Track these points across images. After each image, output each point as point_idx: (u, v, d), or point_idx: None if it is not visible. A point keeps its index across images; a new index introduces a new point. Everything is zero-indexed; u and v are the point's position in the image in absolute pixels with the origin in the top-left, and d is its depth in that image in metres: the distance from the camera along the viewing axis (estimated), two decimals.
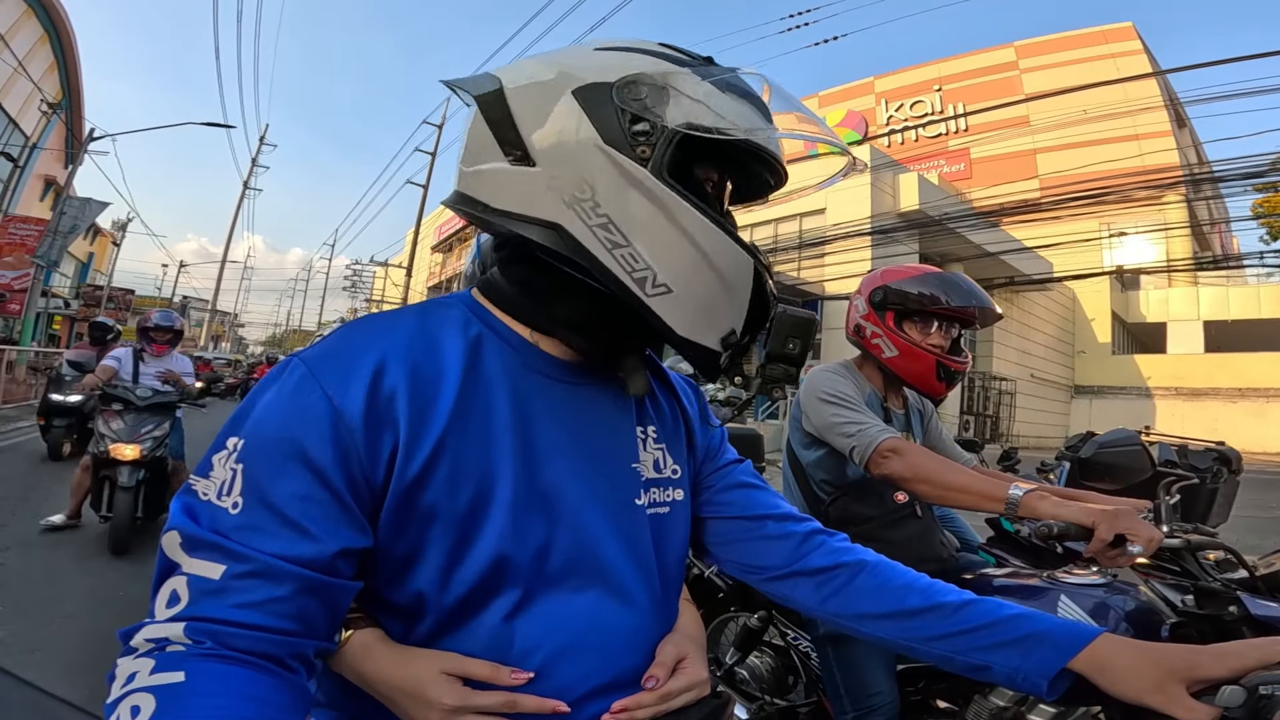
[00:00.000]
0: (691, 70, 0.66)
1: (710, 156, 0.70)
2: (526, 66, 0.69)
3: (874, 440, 1.53)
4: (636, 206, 0.63)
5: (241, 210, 35.65)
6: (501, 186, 0.67)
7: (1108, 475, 1.54)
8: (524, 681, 0.63)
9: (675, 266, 0.64)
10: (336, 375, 0.60)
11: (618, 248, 0.64)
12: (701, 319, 0.67)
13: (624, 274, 0.64)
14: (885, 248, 16.25)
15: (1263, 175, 13.39)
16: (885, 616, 0.77)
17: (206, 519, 0.56)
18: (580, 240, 0.64)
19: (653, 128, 0.63)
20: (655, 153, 0.63)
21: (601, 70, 0.65)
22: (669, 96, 0.64)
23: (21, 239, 18.35)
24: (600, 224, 0.63)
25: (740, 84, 0.68)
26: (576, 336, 0.71)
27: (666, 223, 0.64)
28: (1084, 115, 23.50)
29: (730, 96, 0.66)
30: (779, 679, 1.98)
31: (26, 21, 19.60)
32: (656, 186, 0.63)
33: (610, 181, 0.63)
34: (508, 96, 0.66)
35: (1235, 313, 26.53)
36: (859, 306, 1.80)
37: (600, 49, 0.69)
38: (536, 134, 0.65)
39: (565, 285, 0.68)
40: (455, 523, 0.62)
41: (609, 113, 0.63)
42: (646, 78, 0.64)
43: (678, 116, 0.64)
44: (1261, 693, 0.61)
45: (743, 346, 0.70)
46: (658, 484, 0.77)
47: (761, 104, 0.68)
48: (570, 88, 0.65)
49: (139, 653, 0.52)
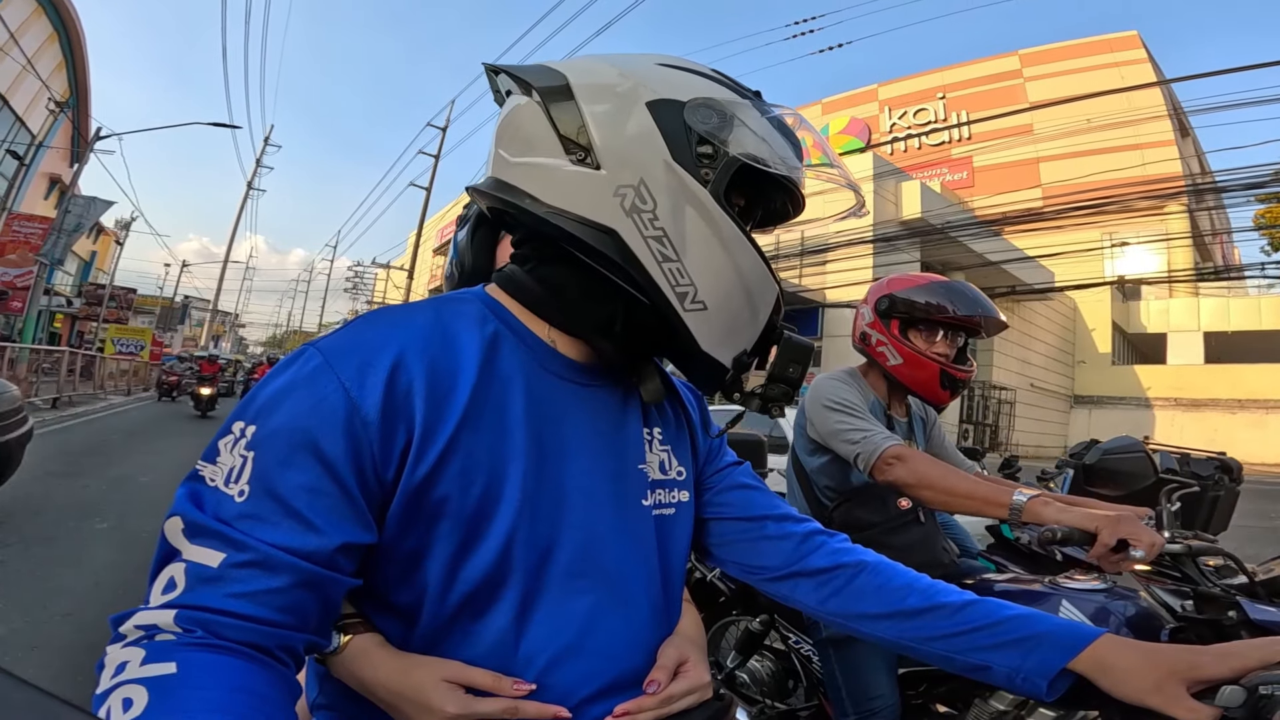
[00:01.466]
0: (752, 104, 0.69)
1: (749, 185, 0.72)
2: (594, 68, 0.69)
3: (879, 447, 1.54)
4: (692, 225, 0.65)
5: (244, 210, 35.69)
6: (558, 183, 0.67)
7: (1111, 481, 1.55)
8: (525, 693, 0.63)
9: (714, 285, 0.67)
10: (354, 368, 0.60)
11: (668, 261, 0.65)
12: (725, 337, 0.69)
13: (668, 287, 0.65)
14: (887, 256, 16.29)
15: (1265, 186, 13.41)
16: (886, 616, 0.78)
17: (211, 506, 0.55)
18: (633, 249, 0.65)
19: (715, 152, 0.66)
20: (716, 176, 0.66)
21: (673, 88, 0.67)
22: (734, 125, 0.67)
23: (25, 237, 18.41)
24: (655, 236, 0.65)
25: (783, 122, 0.71)
26: (603, 340, 0.71)
27: (717, 244, 0.66)
28: (1087, 124, 23.56)
29: (780, 134, 0.70)
30: (780, 683, 1.99)
31: (36, 20, 19.70)
32: (714, 208, 0.65)
33: (672, 197, 0.65)
34: (576, 94, 0.67)
35: (1235, 324, 26.52)
36: (865, 314, 1.80)
37: (663, 65, 0.70)
38: (606, 138, 0.65)
39: (598, 289, 0.68)
40: (463, 520, 0.62)
41: (679, 131, 0.65)
42: (716, 104, 0.67)
43: (740, 145, 0.66)
44: (1261, 692, 0.61)
45: (746, 365, 0.72)
46: (663, 485, 0.77)
47: (797, 142, 0.72)
48: (645, 99, 0.66)
49: (128, 640, 0.51)
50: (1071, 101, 19.67)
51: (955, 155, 32.04)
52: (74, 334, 26.99)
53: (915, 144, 33.04)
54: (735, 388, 0.72)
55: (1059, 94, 25.14)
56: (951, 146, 32.40)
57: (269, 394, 0.59)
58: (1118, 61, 29.24)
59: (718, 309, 0.67)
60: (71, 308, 27.15)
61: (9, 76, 18.59)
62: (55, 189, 23.72)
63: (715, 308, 0.67)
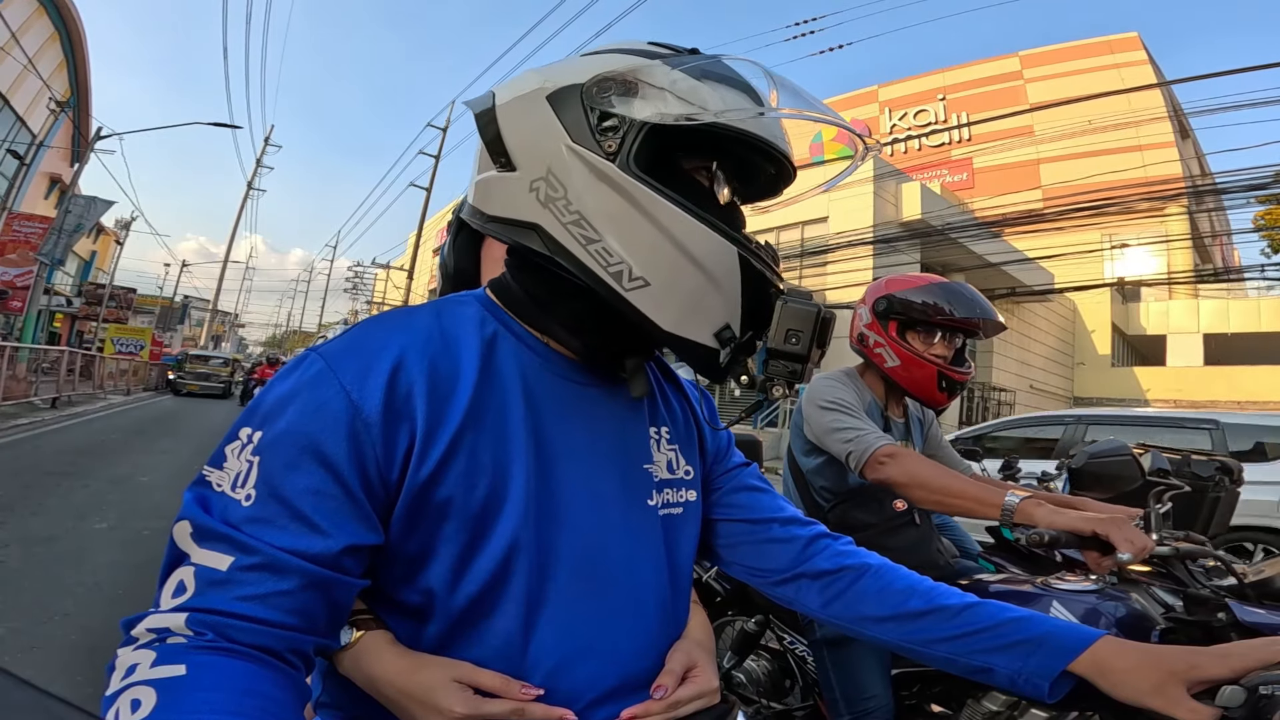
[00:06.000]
0: (663, 61, 0.66)
1: (696, 149, 0.70)
2: (518, 81, 0.71)
3: (870, 446, 1.55)
4: (605, 200, 0.64)
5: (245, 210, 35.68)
6: (492, 193, 0.70)
7: (1098, 484, 1.55)
8: (533, 698, 0.63)
9: (649, 259, 0.64)
10: (355, 371, 0.61)
11: (591, 243, 0.64)
12: (687, 313, 0.66)
13: (600, 268, 0.64)
14: (887, 257, 16.26)
15: (1265, 187, 13.40)
16: (888, 619, 0.78)
17: (218, 510, 0.56)
18: (557, 238, 0.65)
19: (621, 122, 0.64)
20: (623, 146, 0.64)
21: (575, 74, 0.67)
22: (636, 90, 0.65)
23: (26, 236, 18.41)
24: (573, 220, 0.65)
25: (721, 70, 0.67)
26: (572, 337, 0.72)
27: (637, 215, 0.64)
28: (1088, 126, 23.54)
29: (708, 83, 0.65)
30: (776, 683, 1.99)
31: (37, 19, 19.71)
32: (622, 179, 0.63)
33: (580, 178, 0.65)
34: (497, 111, 0.69)
35: (1235, 326, 26.50)
36: (862, 315, 1.81)
37: (585, 54, 0.71)
38: (515, 141, 0.68)
39: (559, 286, 0.69)
40: (468, 521, 0.63)
41: (578, 113, 0.65)
42: (615, 74, 0.65)
43: (644, 109, 0.64)
44: (1261, 693, 0.61)
45: (745, 344, 0.67)
46: (671, 485, 0.77)
47: (748, 88, 0.67)
48: (545, 94, 0.67)
49: (139, 643, 0.52)
50: (1072, 103, 19.68)
51: (955, 156, 32.01)
52: (74, 334, 26.98)
53: (916, 145, 33.03)
54: (740, 370, 0.68)
55: (1059, 95, 25.12)
56: (952, 148, 32.37)
57: (273, 400, 0.60)
58: (1118, 63, 29.22)
59: (664, 284, 0.64)
60: (71, 307, 27.14)
61: (10, 76, 18.60)
62: (56, 189, 23.73)
63: (660, 282, 0.64)
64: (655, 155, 0.66)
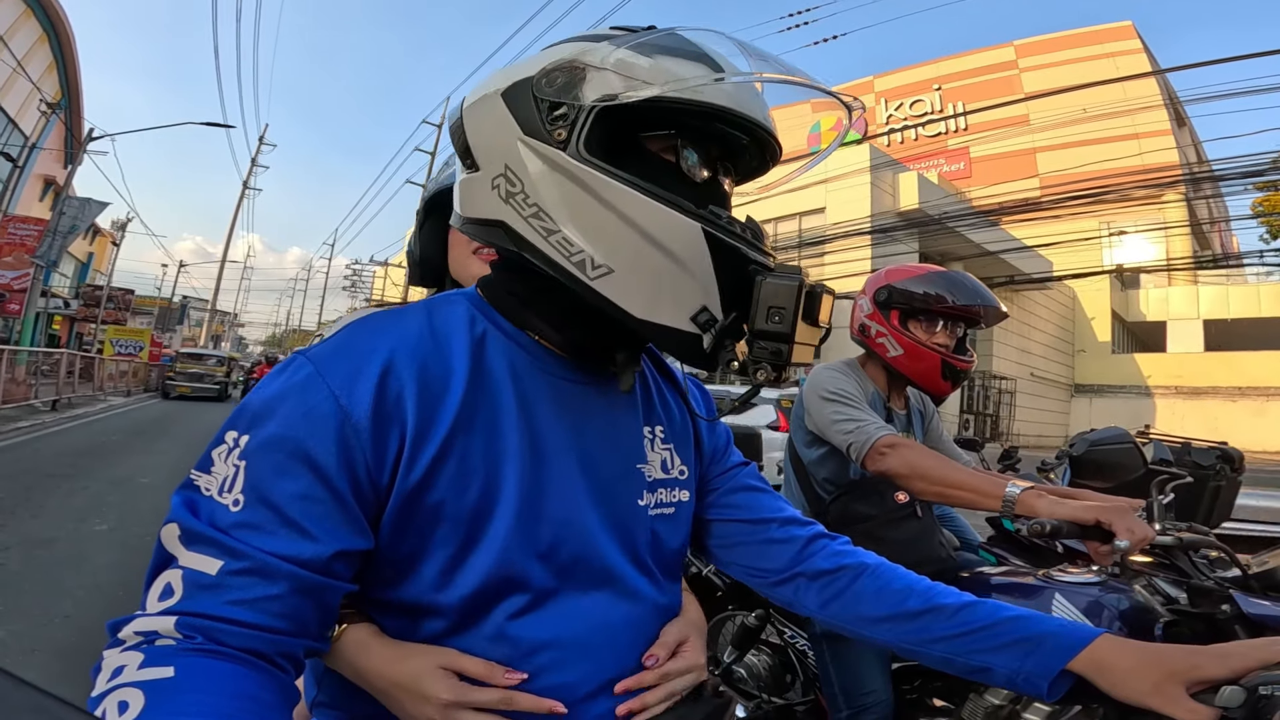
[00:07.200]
0: (609, 42, 0.65)
1: (655, 125, 0.67)
2: (480, 84, 0.71)
3: (871, 437, 1.54)
4: (559, 189, 0.63)
5: (241, 210, 35.59)
6: (462, 193, 0.71)
7: (1099, 473, 1.54)
8: (517, 682, 0.63)
9: (609, 245, 0.62)
10: (343, 375, 0.60)
11: (551, 234, 0.64)
12: (657, 298, 0.63)
13: (563, 259, 0.64)
14: (885, 247, 16.25)
15: (1263, 174, 13.39)
16: (885, 619, 0.77)
17: (206, 514, 0.56)
18: (521, 233, 0.65)
19: (570, 110, 0.63)
20: (573, 133, 0.62)
21: (527, 68, 0.66)
22: (584, 75, 0.63)
23: (21, 239, 18.36)
24: (532, 213, 0.64)
25: (673, 43, 0.65)
26: (556, 333, 0.71)
27: (589, 200, 0.62)
28: (1083, 114, 23.54)
29: (660, 58, 0.63)
30: (776, 677, 1.99)
31: (25, 21, 19.60)
32: (573, 165, 0.62)
33: (534, 170, 0.64)
34: (464, 114, 0.70)
35: (1235, 311, 26.54)
36: (863, 306, 1.80)
37: (547, 47, 0.70)
38: (476, 140, 0.68)
39: (537, 282, 0.69)
40: (461, 523, 0.62)
41: (529, 106, 0.65)
42: (562, 64, 0.64)
43: (590, 93, 0.62)
44: (1261, 693, 0.61)
45: (729, 328, 0.64)
46: (664, 484, 0.77)
47: (705, 58, 0.64)
48: (500, 91, 0.67)
49: (127, 645, 0.52)
50: (1067, 92, 19.67)
51: (952, 146, 31.99)
52: (73, 335, 26.97)
53: (912, 135, 32.99)
54: (728, 355, 0.64)
55: (1055, 84, 25.05)
56: (948, 137, 32.35)
57: (261, 403, 0.60)
58: (1113, 52, 29.20)
59: (627, 269, 0.62)
60: (69, 309, 27.09)
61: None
62: (50, 191, 23.64)
63: (624, 268, 0.62)
64: (613, 138, 0.64)
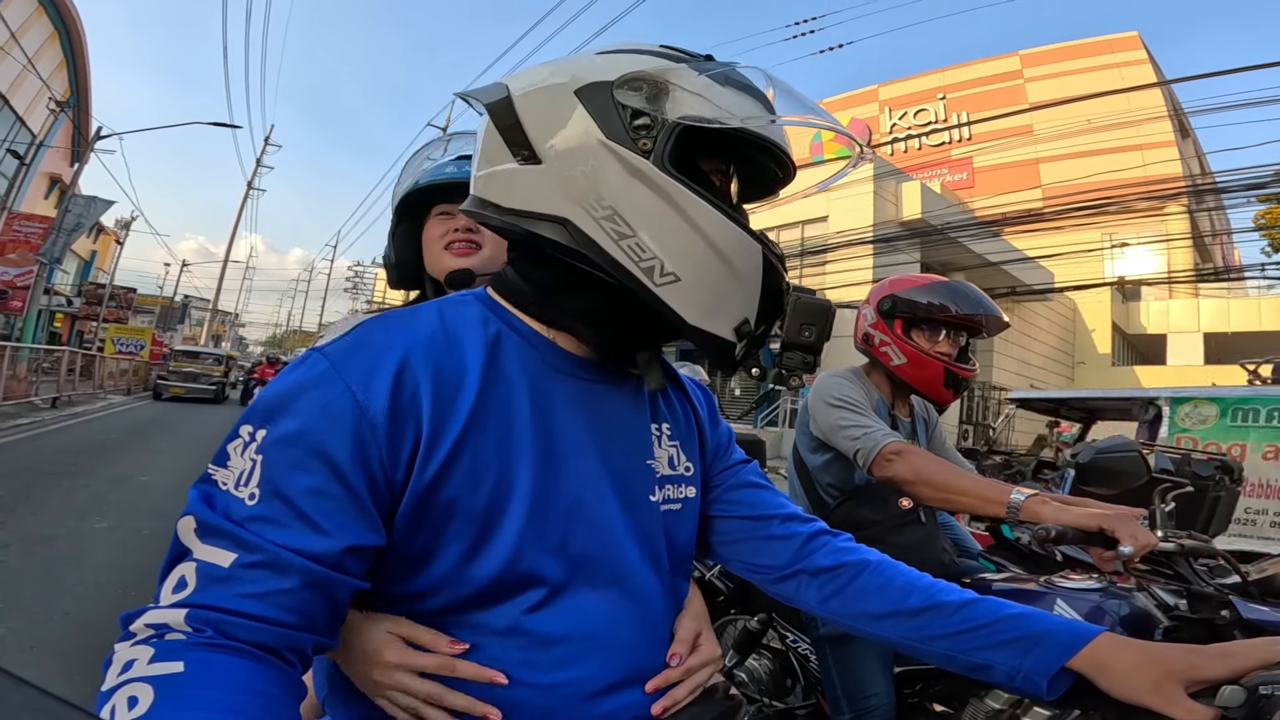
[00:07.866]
0: (689, 66, 0.68)
1: (713, 149, 0.72)
2: (532, 73, 0.71)
3: (878, 443, 1.55)
4: (640, 197, 0.65)
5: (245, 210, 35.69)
6: (511, 186, 0.69)
7: (1104, 480, 1.55)
8: (459, 652, 0.64)
9: (682, 255, 0.65)
10: (360, 372, 0.61)
11: (624, 238, 0.65)
12: (712, 307, 0.67)
13: (631, 264, 0.65)
14: (887, 256, 16.25)
15: (1266, 186, 13.39)
16: (887, 616, 0.78)
17: (222, 507, 0.57)
18: (588, 232, 0.66)
19: (653, 121, 0.65)
20: (656, 145, 0.65)
21: (603, 71, 0.67)
22: (667, 91, 0.66)
23: (26, 236, 18.38)
24: (606, 215, 0.65)
25: (739, 77, 0.69)
26: (589, 330, 0.72)
27: (671, 212, 0.65)
28: (1088, 125, 23.53)
29: (729, 89, 0.67)
30: (778, 681, 1.99)
31: (37, 19, 19.70)
32: (659, 176, 0.64)
33: (614, 174, 0.65)
34: (515, 102, 0.69)
35: (1235, 325, 26.48)
36: (867, 315, 1.82)
37: (601, 53, 0.71)
38: (542, 134, 0.67)
39: (576, 280, 0.69)
40: (474, 519, 0.63)
41: (610, 109, 0.66)
42: (645, 75, 0.67)
43: (676, 110, 0.66)
44: (1261, 693, 0.61)
45: (758, 337, 0.70)
46: (672, 481, 0.78)
47: (761, 96, 0.70)
48: (573, 88, 0.67)
49: (137, 639, 0.52)
50: (1072, 102, 19.65)
51: (955, 156, 32.00)
52: (74, 333, 26.97)
53: (916, 144, 33.02)
54: (751, 362, 0.71)
55: (1059, 95, 25.11)
56: (952, 147, 32.37)
57: (276, 398, 0.60)
58: (1118, 62, 29.21)
59: (693, 279, 0.66)
60: (71, 307, 27.11)
61: (9, 76, 18.58)
62: (56, 188, 23.70)
63: (690, 278, 0.66)
64: (681, 155, 0.66)
